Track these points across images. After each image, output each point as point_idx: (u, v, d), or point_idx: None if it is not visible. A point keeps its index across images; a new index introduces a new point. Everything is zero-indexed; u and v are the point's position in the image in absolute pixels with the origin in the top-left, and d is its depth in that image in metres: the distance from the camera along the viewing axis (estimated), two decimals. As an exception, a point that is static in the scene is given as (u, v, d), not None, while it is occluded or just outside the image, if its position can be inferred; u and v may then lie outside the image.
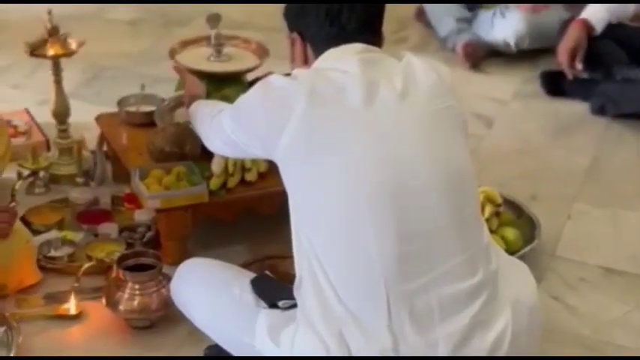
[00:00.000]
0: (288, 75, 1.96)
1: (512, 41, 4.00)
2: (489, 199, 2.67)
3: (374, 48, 1.96)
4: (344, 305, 1.83)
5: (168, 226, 2.58)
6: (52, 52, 2.83)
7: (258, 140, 1.97)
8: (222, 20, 2.77)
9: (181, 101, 2.55)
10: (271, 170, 2.56)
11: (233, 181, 2.60)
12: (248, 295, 2.03)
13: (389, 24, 2.08)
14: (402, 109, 1.87)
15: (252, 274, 2.14)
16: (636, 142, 3.44)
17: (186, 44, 2.86)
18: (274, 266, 2.42)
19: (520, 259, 2.25)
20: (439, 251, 1.84)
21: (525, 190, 3.02)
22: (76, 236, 2.68)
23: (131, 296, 2.33)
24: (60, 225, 2.74)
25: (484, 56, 4.04)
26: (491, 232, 2.39)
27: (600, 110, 3.59)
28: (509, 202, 2.81)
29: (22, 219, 2.66)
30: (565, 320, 2.48)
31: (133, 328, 2.37)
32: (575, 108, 3.66)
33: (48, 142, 3.13)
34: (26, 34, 2.89)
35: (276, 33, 2.30)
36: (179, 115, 2.64)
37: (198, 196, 2.54)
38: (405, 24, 4.41)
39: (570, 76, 3.66)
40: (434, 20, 4.25)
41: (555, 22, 3.88)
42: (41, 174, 2.92)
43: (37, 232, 2.67)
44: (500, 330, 1.86)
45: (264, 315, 1.98)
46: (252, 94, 1.99)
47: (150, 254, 2.43)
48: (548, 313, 2.31)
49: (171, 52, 2.80)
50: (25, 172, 2.86)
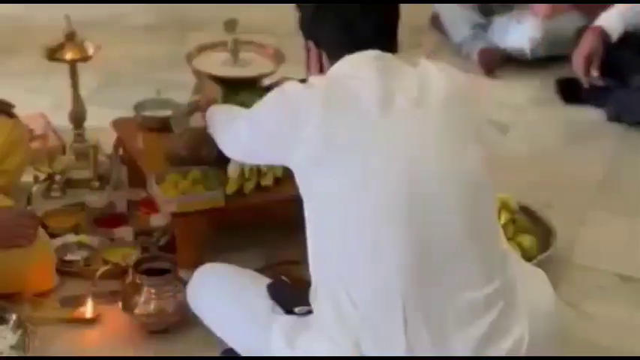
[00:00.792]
0: (303, 81, 1.96)
1: (527, 48, 3.99)
2: (505, 206, 2.67)
3: (389, 55, 1.95)
4: (360, 314, 1.82)
5: (184, 231, 2.58)
6: (69, 56, 2.86)
7: (273, 147, 1.97)
8: (239, 24, 2.78)
9: (197, 106, 2.55)
10: (287, 175, 2.55)
11: (249, 186, 2.60)
12: (264, 301, 2.03)
13: (404, 30, 2.07)
14: (417, 116, 1.86)
15: (268, 279, 2.14)
16: (652, 150, 3.43)
17: (203, 49, 2.86)
18: (289, 271, 2.41)
19: (536, 266, 2.23)
20: (455, 260, 1.83)
21: (541, 197, 3.00)
22: (92, 240, 2.69)
23: (147, 300, 2.33)
24: (76, 229, 2.75)
25: (499, 63, 4.03)
26: (508, 239, 2.37)
27: (616, 118, 3.58)
28: (524, 209, 2.80)
29: (38, 222, 2.67)
30: (581, 328, 2.46)
31: (148, 332, 2.38)
32: (591, 115, 3.65)
33: (64, 146, 3.14)
34: (43, 39, 2.91)
35: (293, 38, 2.30)
36: (195, 120, 2.65)
37: (214, 201, 2.54)
38: (420, 30, 4.40)
39: (586, 84, 3.65)
40: (449, 26, 4.24)
41: (571, 28, 3.87)
42: (57, 178, 2.94)
43: (53, 235, 2.67)
44: (517, 338, 1.85)
45: (280, 321, 1.97)
46: (268, 101, 1.99)
47: (166, 258, 2.44)
48: (564, 320, 2.29)
49: (189, 57, 2.81)
50: (42, 176, 2.87)
